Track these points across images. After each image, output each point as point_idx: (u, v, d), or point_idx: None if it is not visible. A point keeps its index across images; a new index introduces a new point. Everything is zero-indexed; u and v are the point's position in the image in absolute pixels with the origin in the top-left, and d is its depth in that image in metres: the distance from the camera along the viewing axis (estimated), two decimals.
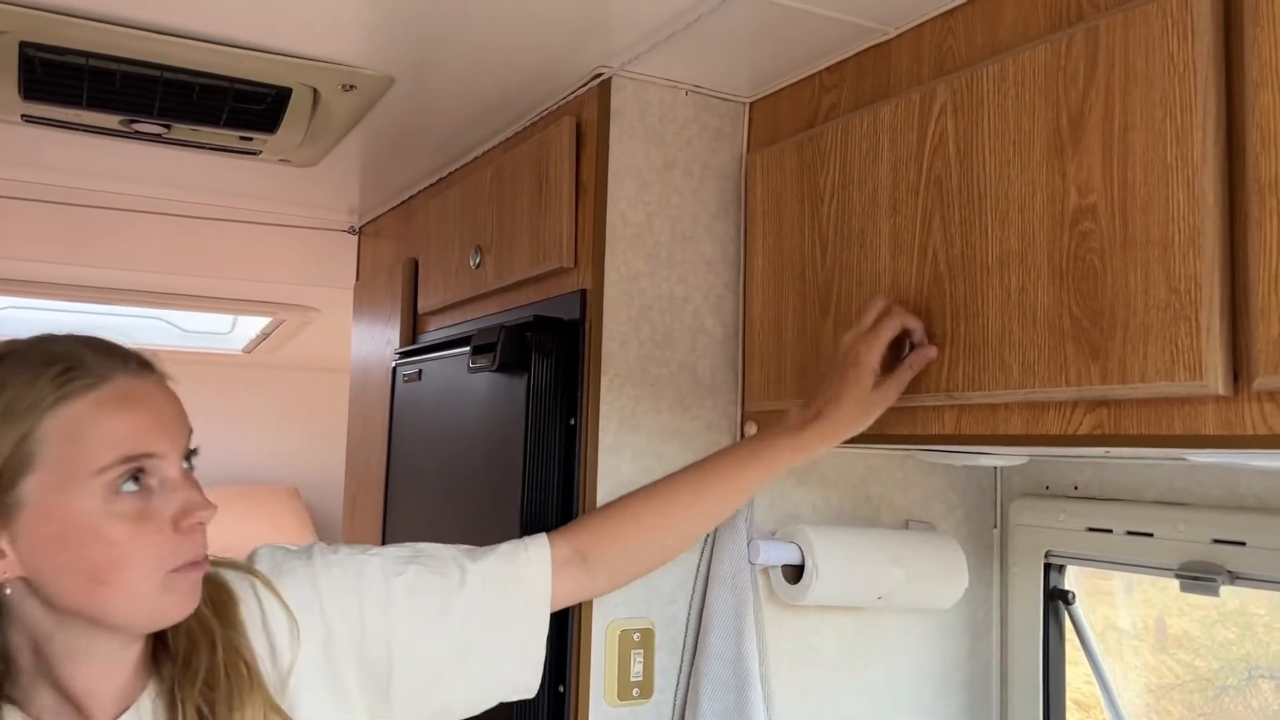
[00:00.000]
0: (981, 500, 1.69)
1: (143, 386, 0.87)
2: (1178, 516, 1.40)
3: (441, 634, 1.04)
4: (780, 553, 1.42)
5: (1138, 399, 0.93)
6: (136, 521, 0.83)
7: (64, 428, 0.82)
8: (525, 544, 1.13)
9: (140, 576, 0.84)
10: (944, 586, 1.51)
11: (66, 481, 0.82)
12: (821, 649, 1.53)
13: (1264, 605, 1.57)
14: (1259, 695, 1.58)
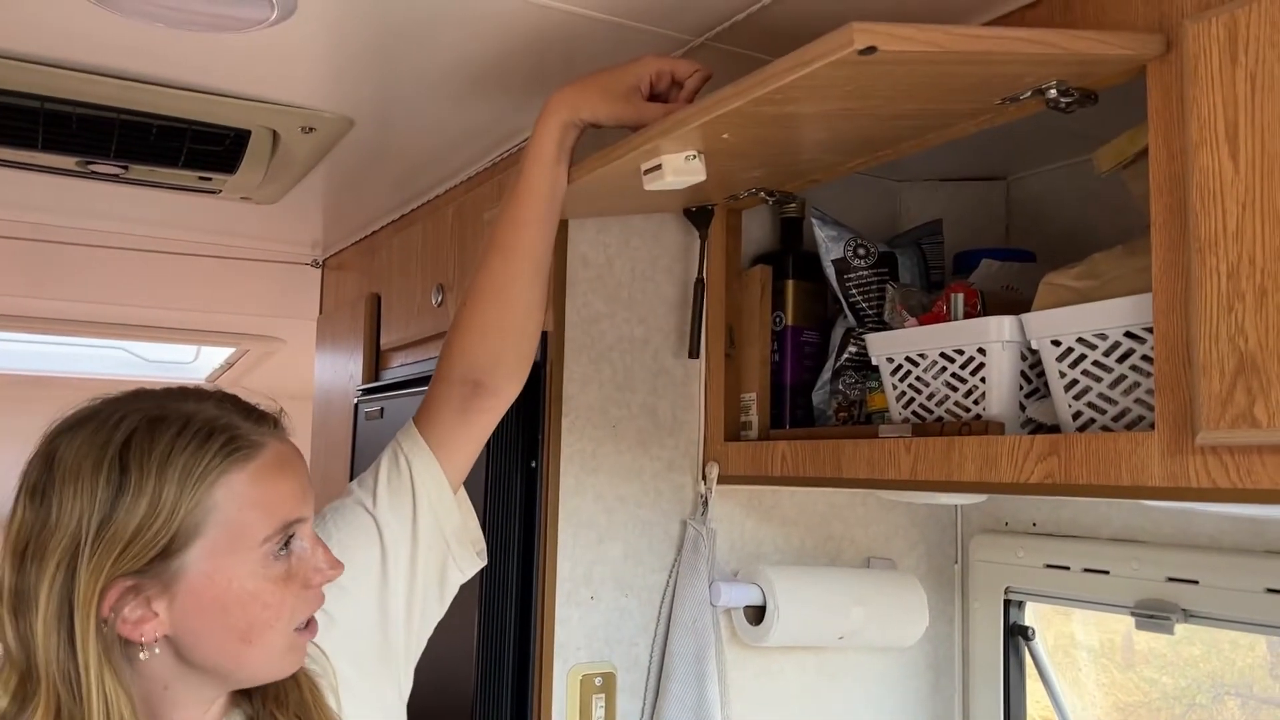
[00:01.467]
0: (942, 537, 1.70)
1: (288, 451, 0.90)
2: (1132, 554, 1.42)
3: (393, 583, 1.04)
4: (741, 594, 1.42)
5: (1089, 449, 0.94)
6: (284, 583, 0.87)
7: (231, 497, 0.84)
8: (400, 446, 1.09)
9: (279, 634, 0.87)
10: (905, 625, 1.52)
11: (232, 549, 0.84)
12: (784, 689, 1.54)
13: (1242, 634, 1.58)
14: (1225, 712, 1.60)
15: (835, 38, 0.81)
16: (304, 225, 2.26)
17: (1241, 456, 0.82)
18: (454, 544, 1.09)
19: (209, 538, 0.83)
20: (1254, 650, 1.58)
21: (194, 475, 0.83)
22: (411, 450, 1.08)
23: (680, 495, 1.48)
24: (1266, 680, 1.57)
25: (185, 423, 0.85)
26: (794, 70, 0.85)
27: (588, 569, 1.41)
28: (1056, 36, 0.89)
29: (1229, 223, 0.82)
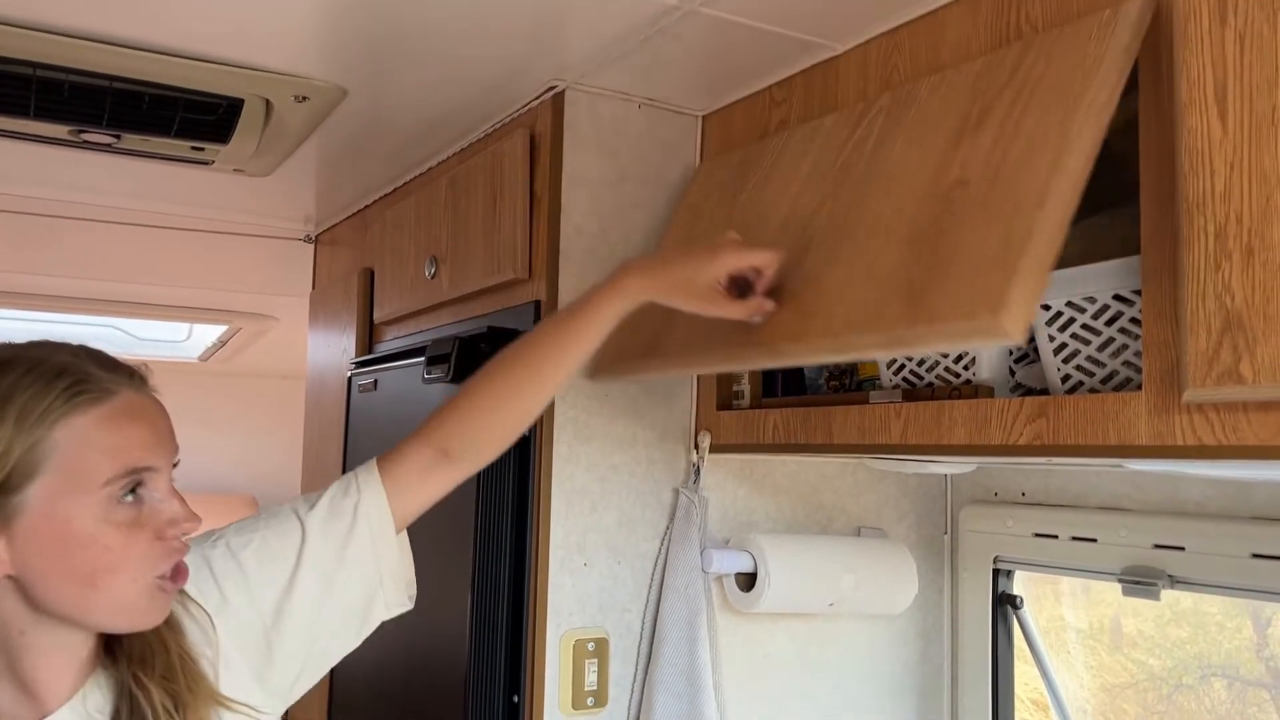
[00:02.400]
0: (932, 507, 1.71)
1: (144, 402, 0.91)
2: (1120, 522, 1.43)
3: (299, 591, 1.05)
4: (733, 561, 1.43)
5: (1077, 409, 0.95)
6: (130, 530, 0.87)
7: (72, 438, 0.86)
8: (355, 474, 1.12)
9: (127, 581, 0.88)
10: (894, 593, 1.53)
11: (70, 490, 0.85)
12: (774, 655, 1.55)
13: (1216, 605, 1.60)
14: (1211, 693, 1.62)
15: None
16: (297, 199, 2.26)
17: (1227, 414, 0.84)
18: (387, 580, 1.10)
19: (49, 477, 0.85)
20: (1240, 633, 1.60)
21: (34, 414, 0.85)
22: (366, 482, 1.10)
23: (673, 464, 1.49)
24: (1253, 661, 1.59)
25: (32, 365, 0.87)
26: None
27: (581, 536, 1.42)
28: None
29: (1217, 183, 0.83)
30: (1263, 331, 0.79)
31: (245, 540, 1.06)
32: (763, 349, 1.10)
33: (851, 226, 1.08)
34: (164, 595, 0.91)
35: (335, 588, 1.07)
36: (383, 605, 1.11)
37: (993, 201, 0.92)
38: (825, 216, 1.13)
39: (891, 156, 1.09)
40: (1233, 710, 1.57)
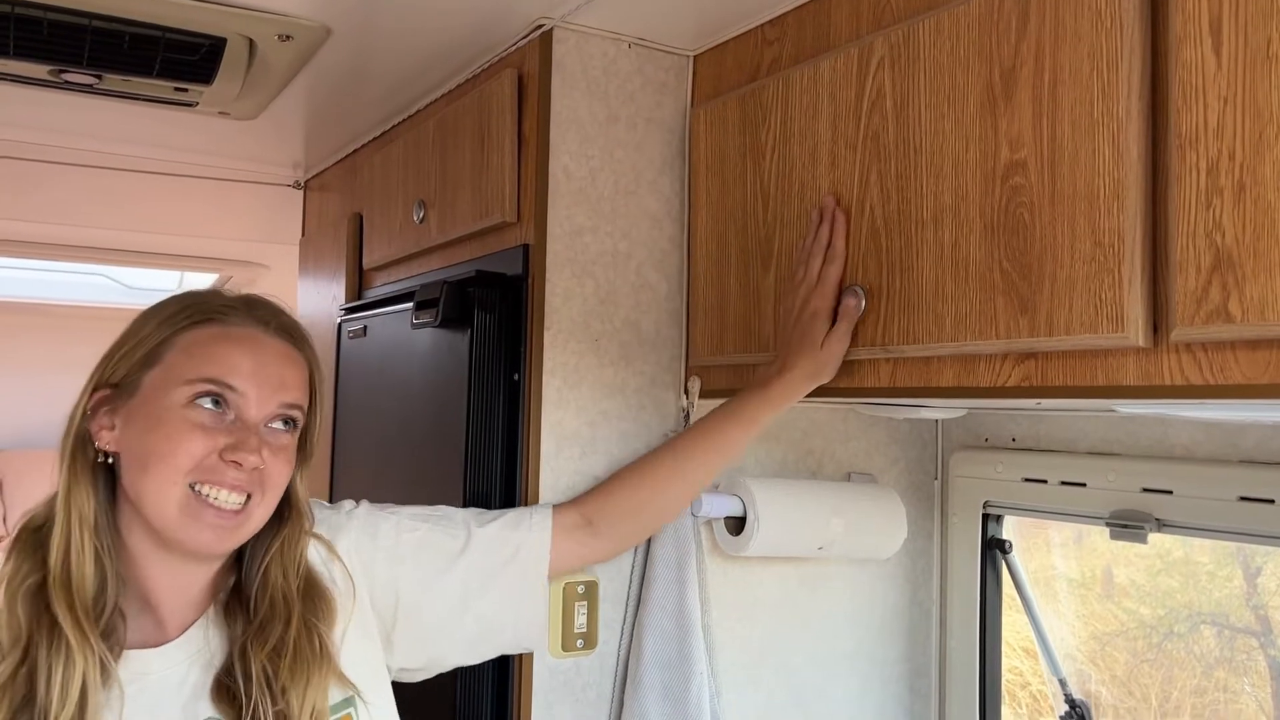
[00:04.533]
0: (922, 453, 1.72)
1: (264, 341, 1.01)
2: (1109, 467, 1.44)
3: (441, 591, 1.15)
4: (722, 505, 1.43)
5: (1063, 351, 0.95)
6: (195, 431, 0.95)
7: (185, 343, 0.98)
8: (530, 513, 1.24)
9: (170, 476, 0.95)
10: (884, 537, 1.54)
11: (166, 380, 0.97)
12: (764, 599, 1.56)
13: (1207, 554, 1.61)
14: (1201, 641, 1.63)
15: None
16: (285, 144, 2.23)
17: (1215, 353, 0.83)
18: (522, 619, 1.21)
19: (159, 369, 0.97)
20: (1231, 581, 1.61)
21: (170, 322, 0.99)
22: (538, 524, 1.22)
23: (663, 410, 1.49)
24: (1242, 610, 1.60)
25: (196, 296, 1.02)
26: None
27: (571, 481, 1.41)
28: None
29: (1210, 118, 0.82)
30: (1252, 270, 0.78)
31: (413, 526, 1.16)
32: (879, 349, 1.14)
33: (914, 209, 1.09)
34: (195, 515, 0.95)
35: (472, 606, 1.16)
36: (511, 640, 1.22)
37: (1062, 194, 0.93)
38: (878, 194, 1.13)
39: (923, 125, 1.08)
40: (1222, 658, 1.59)
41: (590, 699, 1.41)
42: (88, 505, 0.96)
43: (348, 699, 1.06)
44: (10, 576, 0.96)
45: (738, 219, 1.36)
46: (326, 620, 1.05)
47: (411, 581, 1.13)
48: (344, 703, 1.05)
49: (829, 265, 1.17)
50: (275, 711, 0.97)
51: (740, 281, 1.35)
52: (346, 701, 1.05)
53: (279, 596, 1.02)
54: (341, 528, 1.13)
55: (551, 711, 1.38)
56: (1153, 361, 0.88)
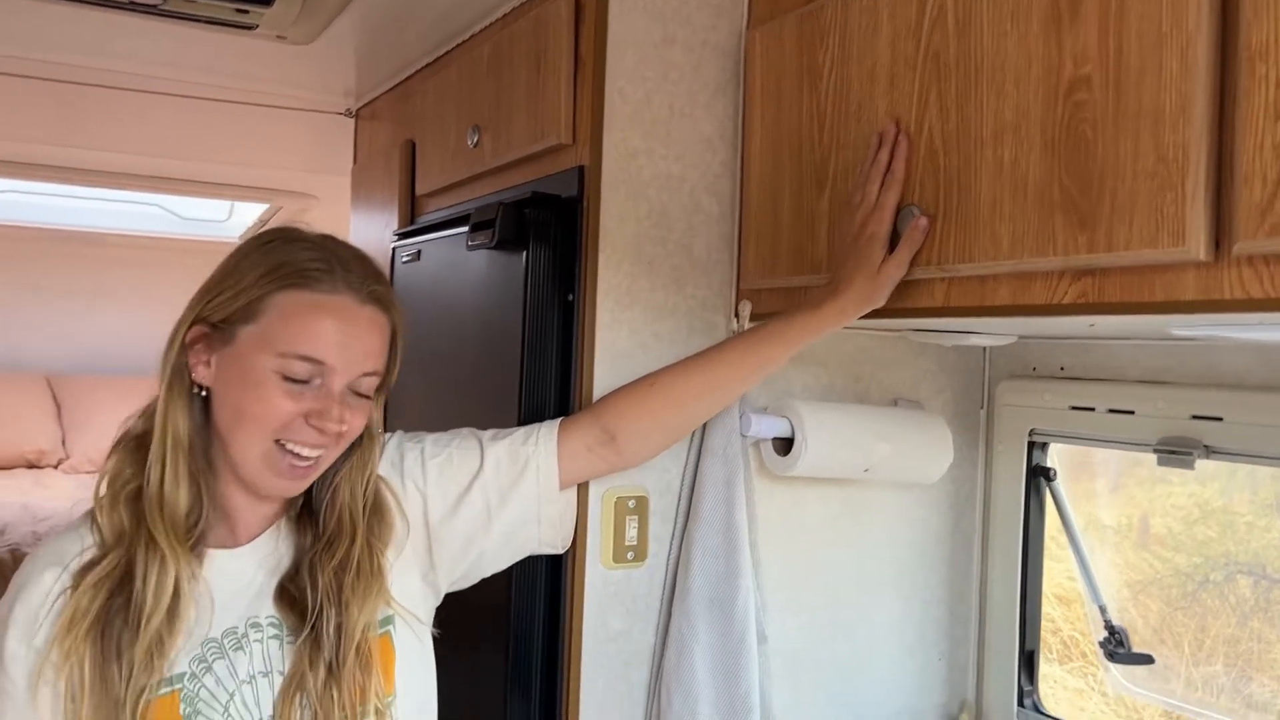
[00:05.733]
0: (969, 382, 1.73)
1: (356, 313, 1.05)
2: (1158, 394, 1.44)
3: (467, 509, 1.21)
4: (771, 426, 1.46)
5: (1122, 267, 0.96)
6: (286, 397, 1.03)
7: (284, 306, 1.03)
8: (536, 430, 1.28)
9: (260, 434, 1.03)
10: (929, 461, 1.56)
11: (263, 343, 1.02)
12: (809, 520, 1.59)
13: (1246, 505, 1.61)
14: (1236, 590, 1.64)
15: None
16: (338, 71, 2.25)
17: (1276, 265, 0.84)
18: (544, 524, 1.27)
19: (257, 326, 1.03)
20: (1270, 532, 1.60)
21: (272, 276, 1.04)
22: (544, 439, 1.26)
23: (713, 333, 1.51)
24: (1279, 559, 1.60)
25: (307, 248, 1.06)
26: None
27: None
28: None
29: None
30: None
31: (436, 452, 1.23)
32: (934, 269, 1.14)
33: (974, 128, 1.09)
34: (275, 467, 1.04)
35: (495, 519, 1.23)
36: (535, 542, 1.29)
37: (1126, 109, 0.92)
38: (937, 113, 1.13)
39: (985, 43, 1.07)
40: (1257, 607, 1.60)
41: (640, 610, 1.45)
42: (183, 429, 1.04)
43: (388, 618, 1.13)
44: (113, 477, 1.05)
45: (793, 142, 1.37)
46: (384, 542, 1.13)
47: (438, 504, 1.20)
48: (385, 620, 1.13)
49: (888, 190, 1.18)
50: (336, 622, 1.05)
51: (794, 205, 1.36)
52: (387, 620, 1.13)
53: (346, 515, 1.11)
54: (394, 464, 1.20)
55: (603, 620, 1.43)
56: (1213, 276, 0.88)
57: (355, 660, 1.06)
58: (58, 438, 4.44)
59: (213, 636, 1.05)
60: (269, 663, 1.06)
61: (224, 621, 1.05)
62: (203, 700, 1.03)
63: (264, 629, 1.07)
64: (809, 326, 1.25)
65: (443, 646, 1.24)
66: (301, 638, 1.05)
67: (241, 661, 1.05)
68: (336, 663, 1.05)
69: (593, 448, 1.28)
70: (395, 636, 1.14)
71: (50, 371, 4.63)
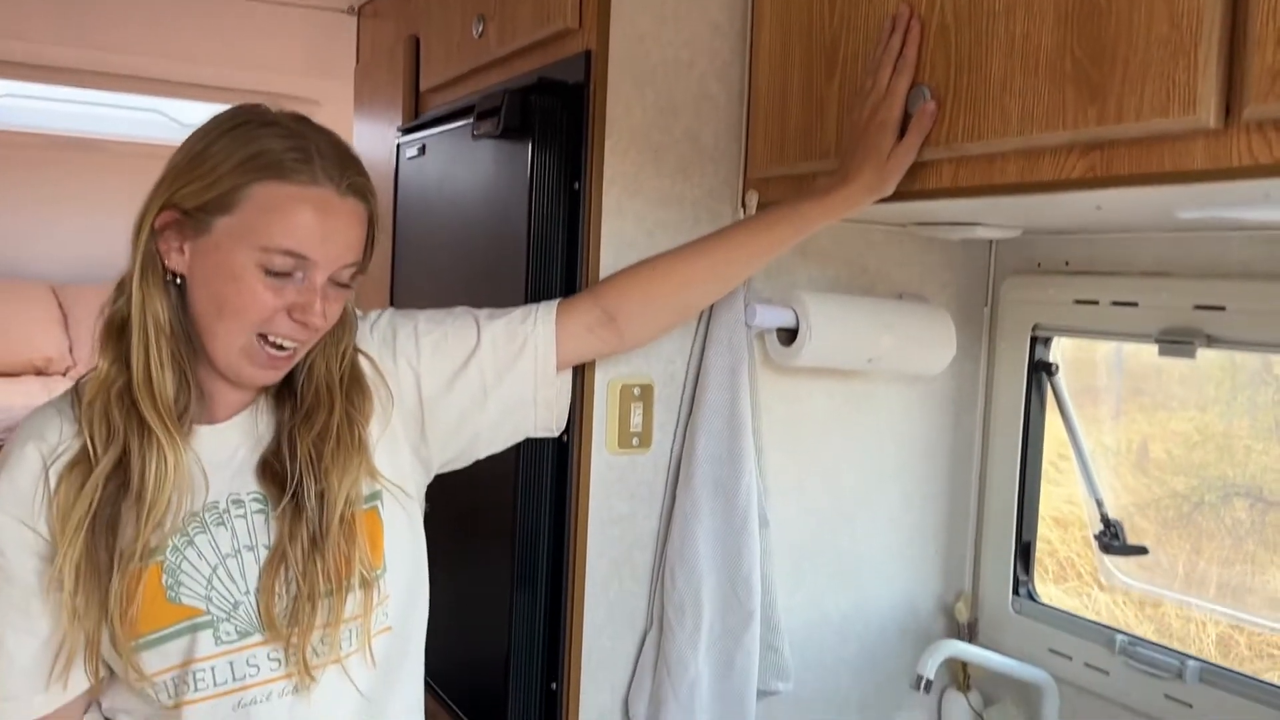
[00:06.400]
0: (975, 279, 1.73)
1: (338, 205, 1.03)
2: (1162, 286, 1.45)
3: (462, 387, 1.21)
4: (776, 316, 1.47)
5: (1130, 139, 0.95)
6: (267, 290, 1.01)
7: (262, 197, 1.00)
8: (534, 310, 1.26)
9: (241, 327, 1.03)
10: (932, 353, 1.57)
11: (241, 236, 1.01)
12: (813, 412, 1.61)
13: (1246, 428, 1.61)
14: (1232, 512, 1.65)
15: None
16: None
17: None
18: (540, 406, 1.25)
19: (234, 217, 1.01)
20: (1268, 454, 1.61)
21: (248, 166, 1.00)
22: (542, 319, 1.24)
23: (719, 222, 1.50)
24: (1278, 483, 1.60)
25: (282, 135, 1.02)
26: None
27: None
28: None
29: None
30: None
31: (430, 329, 1.21)
32: (943, 149, 1.12)
33: (986, 2, 1.07)
34: (254, 359, 1.04)
35: (490, 397, 1.22)
36: (531, 424, 1.27)
37: None
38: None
39: None
40: (1252, 530, 1.62)
41: (644, 494, 1.48)
42: (163, 315, 1.03)
43: (375, 493, 1.14)
44: (103, 379, 1.04)
45: (802, 24, 1.35)
46: (364, 414, 1.13)
47: (432, 380, 1.19)
48: (372, 495, 1.13)
49: (899, 76, 1.16)
50: (317, 491, 1.06)
51: (803, 89, 1.35)
52: (374, 495, 1.14)
53: (323, 387, 1.11)
54: (365, 338, 1.19)
55: (609, 504, 1.45)
56: (1221, 143, 0.88)
57: (339, 530, 1.06)
58: (65, 346, 4.46)
59: (194, 511, 1.05)
60: (254, 537, 1.07)
61: (205, 497, 1.06)
62: (185, 573, 1.04)
63: (247, 505, 1.08)
64: (815, 213, 1.24)
65: (450, 541, 1.26)
66: (281, 506, 1.06)
67: (224, 536, 1.06)
68: (319, 533, 1.05)
69: (592, 328, 1.26)
70: (383, 512, 1.14)
71: (55, 280, 4.63)
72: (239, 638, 1.05)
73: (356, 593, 1.09)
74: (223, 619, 1.04)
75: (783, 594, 1.56)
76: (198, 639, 1.03)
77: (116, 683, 1.09)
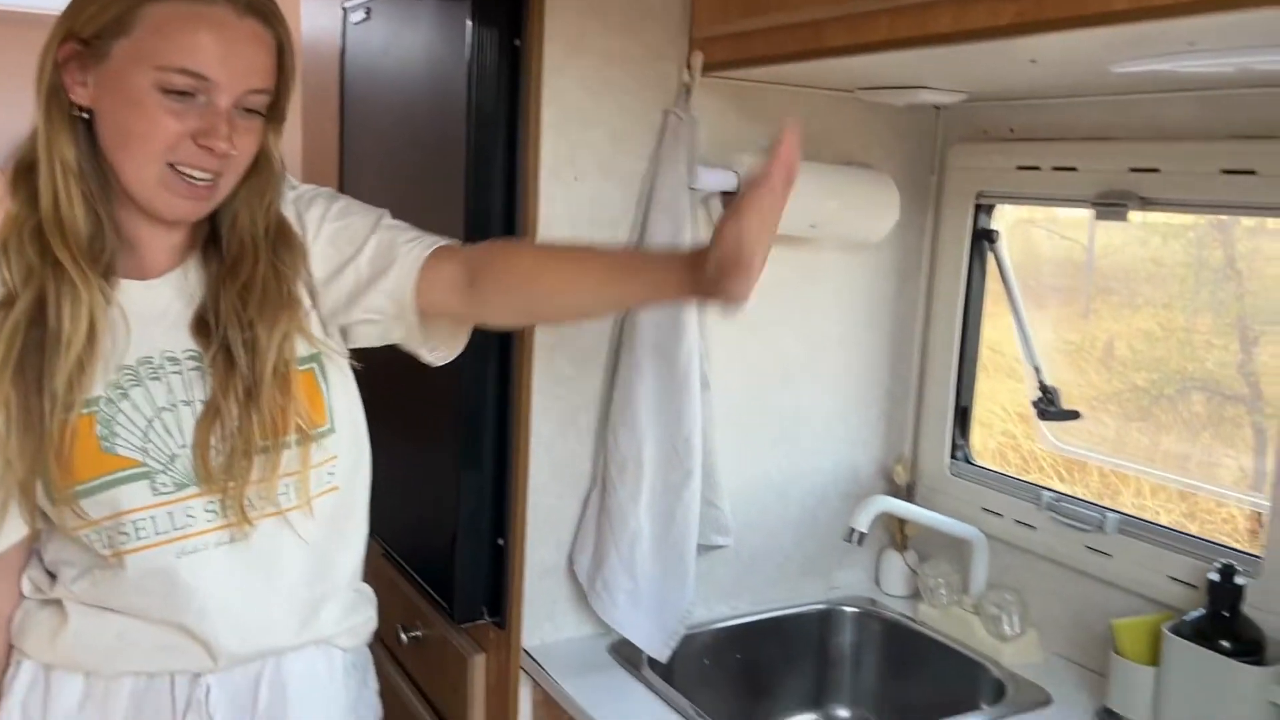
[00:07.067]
0: (921, 147, 1.73)
1: (236, 25, 1.00)
2: (1100, 150, 1.46)
3: (338, 284, 1.15)
4: (719, 178, 1.47)
5: None
6: (170, 115, 0.98)
7: (157, 16, 0.97)
8: (422, 239, 1.15)
9: (148, 156, 1.00)
10: (875, 219, 1.58)
11: (139, 58, 0.97)
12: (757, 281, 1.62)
13: (1208, 322, 1.64)
14: (1189, 405, 1.69)
15: None
16: None
17: None
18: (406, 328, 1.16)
19: (130, 40, 0.98)
20: (1227, 349, 1.64)
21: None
22: (418, 249, 1.13)
23: (665, 84, 1.49)
24: (1234, 378, 1.63)
25: None
26: None
27: (571, 150, 1.44)
28: None
29: None
30: None
31: (337, 217, 1.16)
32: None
33: None
34: (172, 189, 1.01)
35: (359, 302, 1.14)
36: (401, 339, 1.20)
37: None
38: None
39: None
40: (1209, 422, 1.65)
41: (587, 358, 1.50)
42: (70, 153, 1.01)
43: (314, 355, 1.13)
44: (14, 218, 1.02)
45: None
46: (293, 269, 1.11)
47: (319, 266, 1.15)
48: (310, 358, 1.13)
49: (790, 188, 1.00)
50: (244, 340, 1.05)
51: None
52: (312, 358, 1.13)
53: (248, 239, 1.09)
54: (286, 204, 1.15)
55: (554, 366, 1.48)
56: None
57: (273, 384, 1.06)
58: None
59: (128, 364, 1.05)
60: (190, 392, 1.06)
61: (139, 350, 1.06)
62: (120, 424, 1.04)
63: (182, 361, 1.07)
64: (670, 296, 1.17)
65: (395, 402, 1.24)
66: (212, 355, 1.06)
67: (159, 390, 1.06)
68: (253, 385, 1.05)
69: (454, 284, 1.13)
70: (323, 374, 1.14)
71: None
72: (175, 489, 1.06)
73: (294, 449, 1.09)
74: (159, 470, 1.05)
75: (725, 455, 1.60)
76: (135, 489, 1.04)
77: (56, 535, 1.10)
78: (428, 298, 1.14)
